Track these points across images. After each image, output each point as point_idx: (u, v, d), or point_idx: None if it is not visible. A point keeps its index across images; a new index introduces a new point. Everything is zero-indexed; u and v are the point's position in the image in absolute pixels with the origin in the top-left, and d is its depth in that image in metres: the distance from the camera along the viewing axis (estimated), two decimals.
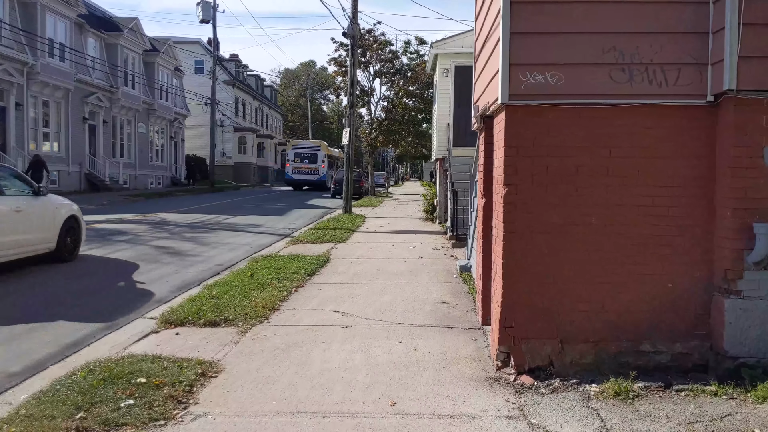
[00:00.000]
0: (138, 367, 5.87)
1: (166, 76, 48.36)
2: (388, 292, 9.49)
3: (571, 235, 5.70)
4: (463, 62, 20.08)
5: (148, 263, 12.47)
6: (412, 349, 6.62)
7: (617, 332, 5.70)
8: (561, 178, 5.69)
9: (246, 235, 17.88)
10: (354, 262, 12.54)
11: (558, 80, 5.61)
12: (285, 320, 7.85)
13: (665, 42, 5.60)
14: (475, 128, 8.18)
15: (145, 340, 7.08)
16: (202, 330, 7.45)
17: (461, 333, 7.32)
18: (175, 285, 10.53)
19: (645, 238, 5.68)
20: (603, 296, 5.71)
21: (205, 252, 14.31)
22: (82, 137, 36.32)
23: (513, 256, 5.71)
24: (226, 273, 11.24)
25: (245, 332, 7.31)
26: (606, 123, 5.67)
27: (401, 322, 7.75)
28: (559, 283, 5.71)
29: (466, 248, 12.02)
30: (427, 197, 27.43)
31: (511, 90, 5.61)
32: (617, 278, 5.69)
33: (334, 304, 8.71)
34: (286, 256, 12.69)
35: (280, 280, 10.03)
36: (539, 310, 5.72)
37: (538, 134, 5.68)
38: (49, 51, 32.17)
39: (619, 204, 5.68)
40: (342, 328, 7.46)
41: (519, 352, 5.73)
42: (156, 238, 16.49)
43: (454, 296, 9.28)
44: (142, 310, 8.75)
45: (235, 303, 8.42)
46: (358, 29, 23.05)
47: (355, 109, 32.51)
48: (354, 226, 19.47)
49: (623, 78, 5.62)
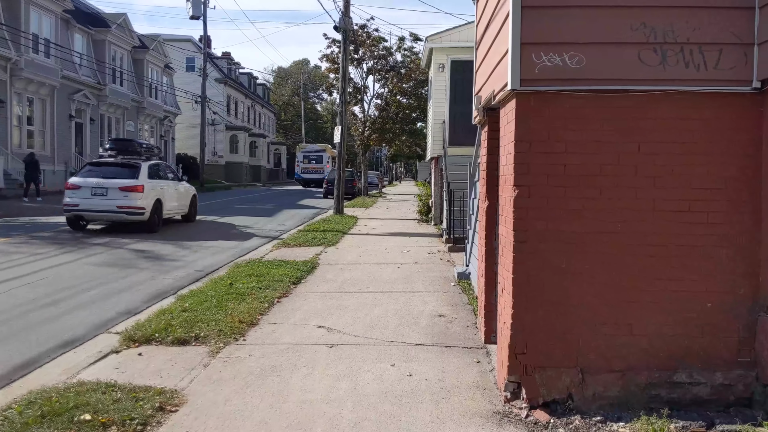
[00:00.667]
0: (86, 398, 5.01)
1: (156, 73, 47.37)
2: (379, 304, 8.62)
3: (593, 247, 4.84)
4: (460, 57, 19.31)
5: (122, 269, 11.58)
6: (407, 375, 5.76)
7: (648, 360, 4.85)
8: (582, 178, 4.83)
9: (231, 238, 16.99)
10: (344, 268, 11.67)
11: (578, 62, 4.75)
12: (263, 338, 6.97)
13: (704, 18, 4.75)
14: (477, 122, 7.33)
15: (102, 362, 6.22)
16: (169, 349, 6.58)
17: (462, 353, 6.46)
18: (148, 294, 9.65)
19: (680, 250, 4.83)
20: (631, 318, 4.85)
21: (186, 256, 13.42)
22: (69, 135, 35.33)
23: (524, 270, 4.85)
24: (204, 280, 10.37)
25: (217, 352, 6.45)
26: (634, 113, 4.81)
27: (394, 340, 6.88)
28: (579, 303, 4.85)
29: (465, 253, 11.17)
30: (421, 198, 26.57)
31: (522, 74, 4.75)
32: (647, 297, 4.84)
33: (319, 318, 7.84)
34: (271, 262, 11.82)
35: (261, 290, 9.15)
36: (556, 334, 4.86)
37: (555, 127, 4.82)
38: (33, 47, 31.18)
39: (650, 209, 4.83)
40: (327, 348, 6.59)
41: (532, 383, 4.87)
42: (135, 240, 15.57)
43: (452, 308, 8.42)
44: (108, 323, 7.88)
45: (209, 317, 7.56)
46: (350, 23, 22.17)
47: (348, 106, 31.66)
48: (345, 228, 18.60)
49: (654, 60, 4.76)
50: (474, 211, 9.82)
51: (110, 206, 16.57)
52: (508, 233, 5.03)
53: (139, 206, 16.71)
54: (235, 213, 24.90)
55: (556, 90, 4.78)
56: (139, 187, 16.73)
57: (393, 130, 37.52)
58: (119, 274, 11.14)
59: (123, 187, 16.58)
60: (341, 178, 23.54)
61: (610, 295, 4.84)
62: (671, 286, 4.84)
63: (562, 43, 4.75)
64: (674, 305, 4.84)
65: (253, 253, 13.93)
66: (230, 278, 10.00)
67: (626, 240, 4.84)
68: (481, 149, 7.23)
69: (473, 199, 9.91)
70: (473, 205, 9.87)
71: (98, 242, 14.91)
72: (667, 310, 4.84)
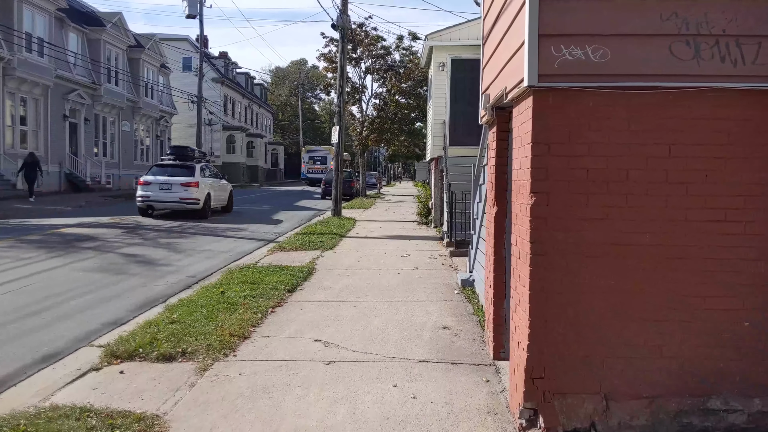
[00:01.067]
0: (57, 426, 4.56)
1: (152, 73, 46.80)
2: (379, 314, 8.15)
3: (618, 260, 4.38)
4: (461, 55, 18.87)
5: (112, 275, 11.09)
6: (410, 397, 5.29)
7: (679, 385, 4.39)
8: (606, 184, 4.37)
9: (226, 241, 16.51)
10: (342, 273, 11.19)
11: (602, 56, 4.29)
12: (255, 353, 6.50)
13: (741, 8, 4.29)
14: (484, 122, 6.86)
15: (80, 381, 5.75)
16: (154, 366, 6.11)
17: (469, 371, 5.98)
18: (137, 302, 9.18)
19: (714, 264, 4.37)
20: (660, 339, 4.39)
21: (178, 261, 12.94)
22: (63, 136, 34.80)
23: (543, 285, 4.38)
24: (196, 288, 9.90)
25: (205, 370, 5.98)
26: (664, 112, 4.35)
27: (395, 356, 6.41)
28: (604, 322, 4.39)
29: (468, 259, 10.69)
30: (421, 199, 26.09)
31: (540, 69, 4.28)
32: (679, 315, 4.38)
33: (315, 330, 7.37)
34: (266, 267, 11.34)
35: (255, 298, 8.68)
36: (577, 357, 4.39)
37: (576, 127, 4.36)
38: (26, 46, 30.67)
39: (681, 219, 4.36)
40: (324, 365, 6.11)
41: (551, 411, 4.40)
42: (127, 244, 15.10)
43: (457, 319, 7.95)
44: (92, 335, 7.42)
45: (198, 329, 7.09)
46: (348, 21, 21.68)
47: (346, 106, 31.17)
48: (343, 231, 18.11)
49: (687, 53, 4.30)
50: (479, 215, 9.35)
51: (174, 198, 21.59)
52: (523, 244, 4.56)
53: (196, 198, 21.68)
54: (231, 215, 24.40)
55: (578, 87, 4.31)
56: (196, 183, 21.71)
57: (391, 130, 37.01)
58: (108, 280, 10.66)
59: (183, 183, 21.52)
60: (339, 178, 23.06)
61: (636, 314, 4.38)
62: (705, 303, 4.37)
63: (585, 35, 4.28)
64: (708, 324, 4.38)
65: (247, 258, 13.47)
66: (223, 285, 9.53)
67: (655, 253, 4.37)
68: (488, 151, 6.76)
69: (478, 203, 9.45)
70: (478, 209, 9.40)
71: (89, 246, 14.42)
72: (700, 330, 4.38)
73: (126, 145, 42.90)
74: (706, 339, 4.38)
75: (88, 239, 15.62)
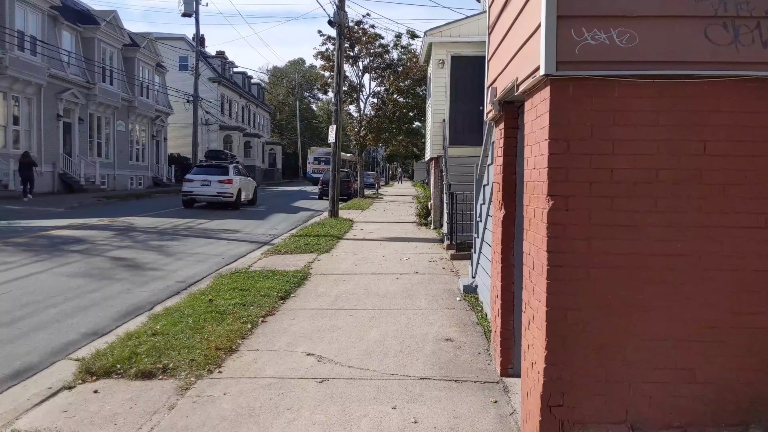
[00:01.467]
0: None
1: (148, 72, 46.19)
2: (377, 324, 7.64)
3: (646, 273, 3.87)
4: (461, 52, 18.41)
5: (96, 280, 10.57)
6: (411, 421, 4.79)
7: (714, 413, 3.88)
8: (633, 186, 3.86)
9: (219, 244, 15.98)
10: (338, 279, 10.67)
11: (629, 40, 3.78)
12: (242, 369, 5.98)
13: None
14: (490, 118, 6.35)
15: (50, 402, 5.24)
16: (132, 384, 5.61)
17: (475, 390, 5.48)
18: (121, 310, 8.67)
19: (756, 276, 3.86)
20: (693, 361, 3.88)
21: (168, 265, 12.41)
22: (56, 135, 34.18)
23: (562, 302, 3.87)
24: (184, 294, 9.38)
25: (187, 389, 5.47)
26: (699, 105, 3.84)
27: (395, 372, 5.89)
28: (630, 342, 3.88)
29: (470, 263, 10.18)
30: (420, 200, 25.57)
31: (559, 55, 3.77)
32: (715, 335, 3.87)
33: (308, 342, 6.85)
34: (259, 272, 10.81)
35: (245, 307, 8.17)
36: (600, 382, 3.89)
37: (600, 121, 3.85)
38: (19, 44, 30.07)
39: (718, 225, 3.86)
40: (316, 384, 5.60)
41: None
42: (116, 247, 14.57)
43: (460, 329, 7.44)
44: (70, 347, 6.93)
45: (182, 342, 6.58)
46: (345, 17, 21.14)
47: (343, 105, 30.65)
48: (340, 233, 17.59)
49: (725, 38, 3.79)
50: (482, 218, 8.85)
51: (212, 192, 26.39)
52: (539, 254, 4.04)
53: (230, 192, 26.56)
54: (226, 216, 23.81)
55: (602, 75, 3.80)
56: (230, 180, 26.59)
57: (389, 129, 36.52)
58: (92, 286, 10.13)
59: (220, 180, 26.38)
60: (336, 178, 22.55)
61: (668, 333, 3.87)
62: (744, 320, 3.86)
63: (610, 17, 3.77)
64: (748, 344, 3.87)
65: (240, 261, 12.96)
66: (211, 292, 9.01)
67: (688, 263, 3.86)
68: (494, 149, 6.25)
69: (481, 205, 8.94)
70: (481, 211, 8.90)
71: (76, 249, 13.88)
72: (738, 351, 3.87)
73: (121, 145, 42.30)
74: (746, 361, 3.88)
75: (76, 242, 15.08)
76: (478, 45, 18.23)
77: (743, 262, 3.85)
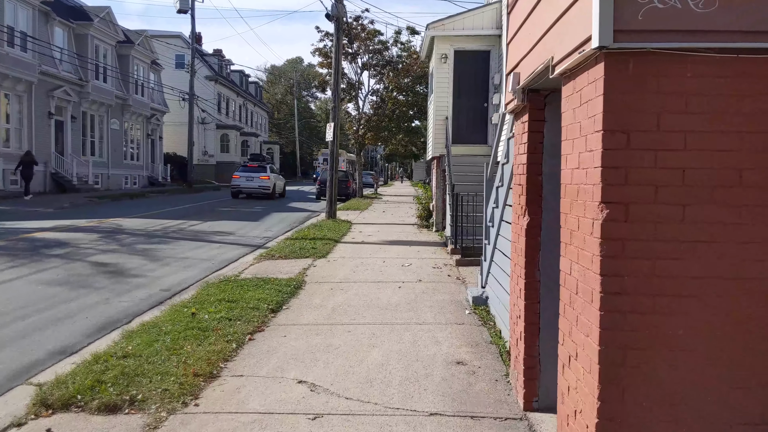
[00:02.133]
0: None
1: (143, 69, 45.29)
2: (379, 343, 6.80)
3: (729, 300, 3.02)
4: (465, 46, 17.58)
5: (73, 289, 9.73)
6: None
7: None
8: (710, 191, 3.02)
9: (210, 247, 15.13)
10: (334, 288, 9.81)
11: (705, 5, 2.94)
12: (223, 401, 5.14)
13: None
14: (509, 109, 5.49)
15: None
16: (92, 421, 4.79)
17: (496, 430, 4.63)
18: (95, 324, 7.86)
19: None
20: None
21: (153, 271, 11.57)
22: (48, 134, 33.30)
23: (620, 339, 3.03)
24: (165, 306, 8.55)
25: (155, 427, 4.64)
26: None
27: (399, 406, 5.05)
28: (710, 393, 3.04)
29: (479, 272, 9.34)
30: (421, 201, 24.70)
31: (618, 23, 2.93)
32: None
33: (300, 366, 6.00)
34: (249, 280, 9.96)
35: (231, 322, 7.33)
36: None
37: (668, 108, 3.01)
38: (8, 40, 29.21)
39: None
40: (308, 421, 4.76)
41: None
42: (100, 251, 13.72)
43: (472, 350, 6.58)
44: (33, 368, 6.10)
45: (156, 367, 5.74)
46: (343, 9, 20.29)
47: (341, 103, 29.81)
48: (338, 236, 16.73)
49: None
50: (494, 222, 8.01)
51: (255, 186, 34.62)
52: (586, 277, 3.20)
53: (268, 186, 34.78)
54: (219, 217, 22.98)
55: (672, 48, 2.96)
56: (268, 177, 34.85)
57: (389, 128, 35.65)
58: (68, 295, 9.30)
59: (261, 177, 34.56)
60: (334, 178, 21.69)
61: (758, 379, 3.03)
62: None
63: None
64: None
65: (231, 267, 12.13)
66: (195, 304, 8.17)
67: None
68: (515, 146, 5.40)
69: (494, 208, 8.10)
70: (494, 214, 8.06)
71: (57, 253, 13.02)
72: None
73: (115, 143, 41.42)
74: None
75: (58, 245, 14.20)
76: (482, 39, 17.42)
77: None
